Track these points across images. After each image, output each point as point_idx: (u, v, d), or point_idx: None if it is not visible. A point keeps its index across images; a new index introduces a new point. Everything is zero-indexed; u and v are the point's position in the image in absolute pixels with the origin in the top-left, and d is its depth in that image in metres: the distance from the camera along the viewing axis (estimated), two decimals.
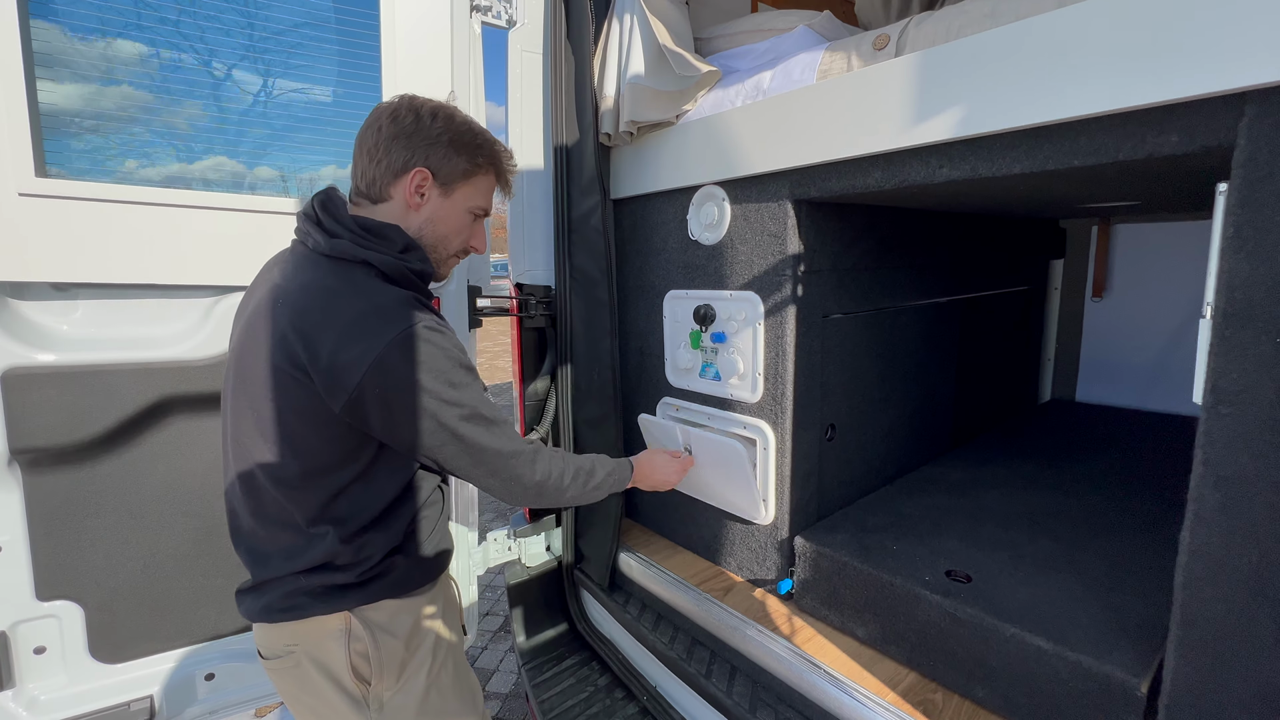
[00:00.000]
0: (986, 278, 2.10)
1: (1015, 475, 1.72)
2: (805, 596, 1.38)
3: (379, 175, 0.98)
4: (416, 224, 1.01)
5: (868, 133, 1.10)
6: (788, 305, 1.33)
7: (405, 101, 0.99)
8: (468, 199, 1.04)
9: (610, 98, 1.55)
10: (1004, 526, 1.40)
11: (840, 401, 1.53)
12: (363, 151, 0.99)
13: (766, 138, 1.28)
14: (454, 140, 0.99)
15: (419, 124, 0.97)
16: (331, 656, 0.97)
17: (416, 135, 0.97)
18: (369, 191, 1.00)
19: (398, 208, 1.00)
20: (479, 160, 1.03)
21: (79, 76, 1.23)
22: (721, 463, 1.43)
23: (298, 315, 0.88)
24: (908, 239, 1.66)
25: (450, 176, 1.01)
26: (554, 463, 1.05)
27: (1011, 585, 1.15)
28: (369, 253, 0.93)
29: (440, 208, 1.02)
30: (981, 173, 0.99)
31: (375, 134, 0.98)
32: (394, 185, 0.99)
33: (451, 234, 1.05)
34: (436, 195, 1.01)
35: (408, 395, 0.87)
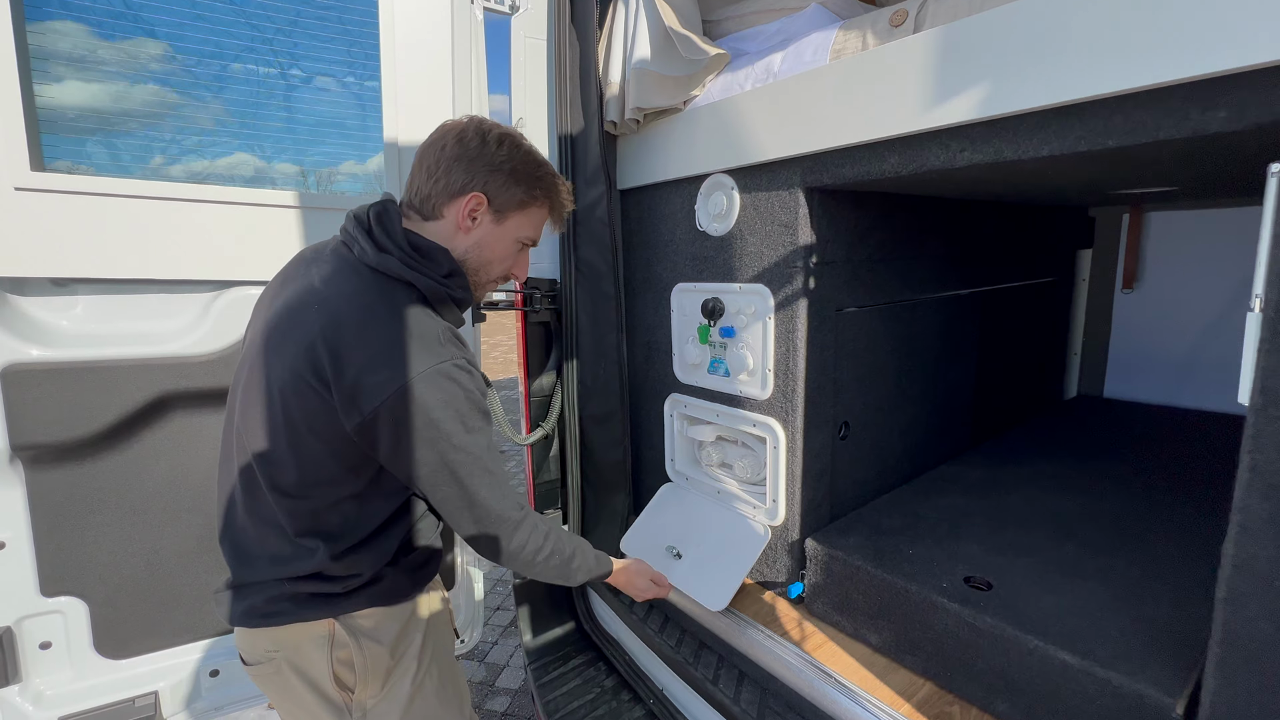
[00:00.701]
0: (1010, 269, 2.02)
1: (1039, 475, 1.65)
2: (816, 601, 1.33)
3: (435, 193, 0.98)
4: (463, 246, 1.01)
5: (883, 115, 1.03)
6: (799, 298, 1.28)
7: (474, 124, 0.99)
8: (519, 228, 1.04)
9: (615, 84, 1.50)
10: (1027, 530, 1.34)
11: (854, 398, 1.47)
12: (422, 168, 0.99)
13: (776, 123, 1.22)
14: (515, 170, 0.99)
15: (484, 149, 0.97)
16: (313, 663, 0.95)
17: (480, 160, 0.97)
18: (422, 208, 1.00)
19: (448, 228, 1.00)
20: (536, 192, 1.02)
21: (109, 75, 1.25)
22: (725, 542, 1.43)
23: (330, 326, 0.87)
24: (926, 228, 1.59)
25: (505, 204, 1.00)
26: (534, 538, 1.02)
27: (1035, 593, 1.09)
28: (415, 274, 0.92)
29: (490, 234, 1.01)
30: (1006, 156, 0.92)
31: (438, 152, 0.97)
32: (448, 206, 0.98)
33: (496, 260, 1.05)
34: (489, 221, 1.00)
35: (422, 430, 0.86)
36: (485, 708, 2.43)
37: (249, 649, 0.98)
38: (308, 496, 0.91)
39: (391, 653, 0.99)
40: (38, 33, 1.17)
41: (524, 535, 1.00)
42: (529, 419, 1.76)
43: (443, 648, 1.11)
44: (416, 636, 1.03)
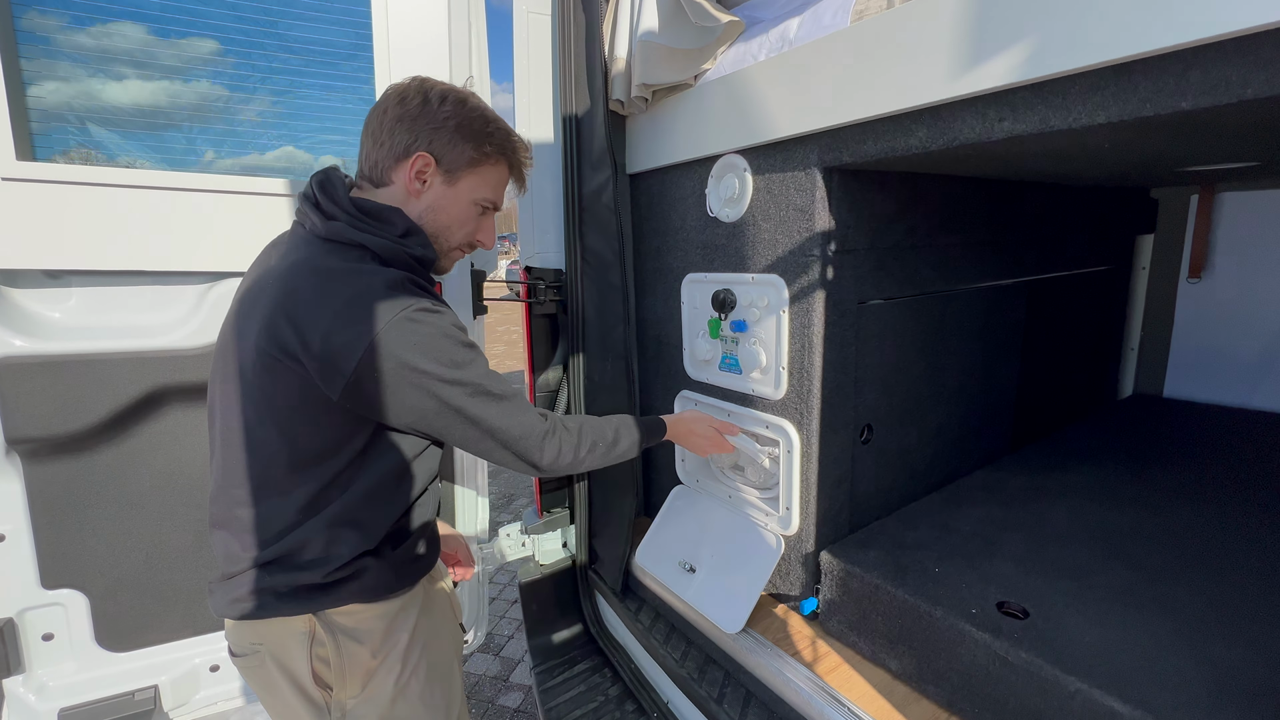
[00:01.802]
0: (1059, 256, 1.84)
1: (1087, 485, 1.49)
2: (832, 619, 1.23)
3: (381, 158, 0.95)
4: (416, 211, 0.96)
5: (910, 82, 0.91)
6: (816, 290, 1.16)
7: (416, 84, 0.94)
8: (473, 190, 0.99)
9: (621, 59, 1.40)
10: (1071, 548, 1.20)
11: (878, 399, 1.35)
12: (368, 133, 0.96)
13: (791, 96, 1.11)
14: (461, 126, 0.94)
15: (426, 107, 0.93)
16: (294, 659, 0.92)
17: (422, 118, 0.93)
18: (372, 175, 0.97)
19: (398, 193, 0.96)
20: (487, 149, 0.97)
21: (164, 73, 1.27)
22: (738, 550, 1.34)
23: (287, 297, 0.83)
24: (962, 212, 1.44)
25: (455, 164, 0.96)
26: (567, 441, 1.00)
27: (1079, 624, 0.97)
28: (366, 235, 0.89)
29: (443, 196, 0.97)
30: (1054, 125, 0.79)
31: (381, 115, 0.94)
32: (396, 169, 0.95)
33: (454, 225, 1.00)
34: (439, 183, 0.96)
35: (408, 378, 0.83)
36: (498, 703, 2.41)
37: (236, 641, 0.96)
38: (300, 475, 0.87)
39: (374, 652, 0.94)
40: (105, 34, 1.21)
41: (556, 443, 0.98)
42: None
43: (437, 647, 1.04)
44: (402, 636, 0.97)
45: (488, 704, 2.40)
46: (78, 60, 1.20)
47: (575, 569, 1.78)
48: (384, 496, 0.93)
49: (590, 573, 1.74)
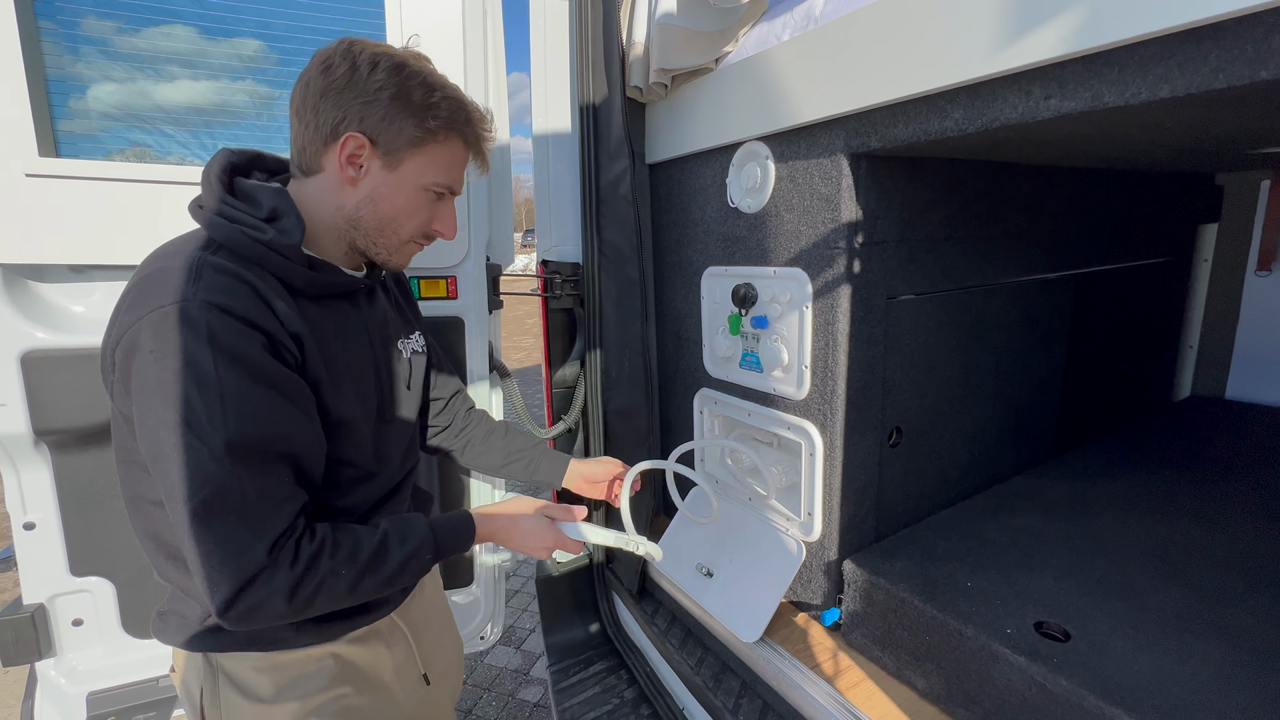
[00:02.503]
0: (1110, 248, 1.72)
1: (1139, 494, 1.39)
2: (855, 631, 1.17)
3: (308, 141, 0.80)
4: (354, 202, 0.82)
5: (944, 58, 0.83)
6: (841, 285, 1.10)
7: (343, 47, 0.78)
8: (420, 174, 0.83)
9: (640, 45, 1.35)
10: (1120, 565, 1.11)
11: (908, 400, 1.27)
12: (293, 112, 0.81)
13: (816, 77, 1.04)
14: (399, 97, 0.78)
15: (354, 75, 0.77)
16: (191, 692, 0.85)
17: (349, 91, 0.77)
18: (300, 161, 0.83)
19: (330, 182, 0.82)
20: (431, 124, 0.81)
21: (212, 73, 1.29)
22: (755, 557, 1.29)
23: None
24: (1002, 200, 1.35)
25: (395, 144, 0.80)
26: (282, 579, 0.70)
27: (1127, 650, 0.89)
28: (213, 219, 0.75)
29: (383, 184, 0.82)
30: (1108, 101, 0.71)
31: (304, 89, 0.79)
32: (325, 154, 0.80)
33: (401, 216, 0.85)
34: (378, 167, 0.81)
35: (146, 389, 0.66)
36: (518, 697, 2.41)
37: (174, 658, 0.90)
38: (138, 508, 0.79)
39: (260, 703, 0.83)
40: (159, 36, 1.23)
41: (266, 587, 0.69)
42: (551, 411, 1.66)
43: (358, 708, 0.90)
44: (295, 701, 0.84)
45: (508, 697, 2.41)
46: (133, 62, 1.22)
47: (593, 568, 1.75)
48: None
49: (607, 572, 1.71)
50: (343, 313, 0.87)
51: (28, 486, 1.24)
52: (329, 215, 0.83)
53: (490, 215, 1.52)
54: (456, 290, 1.45)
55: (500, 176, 1.56)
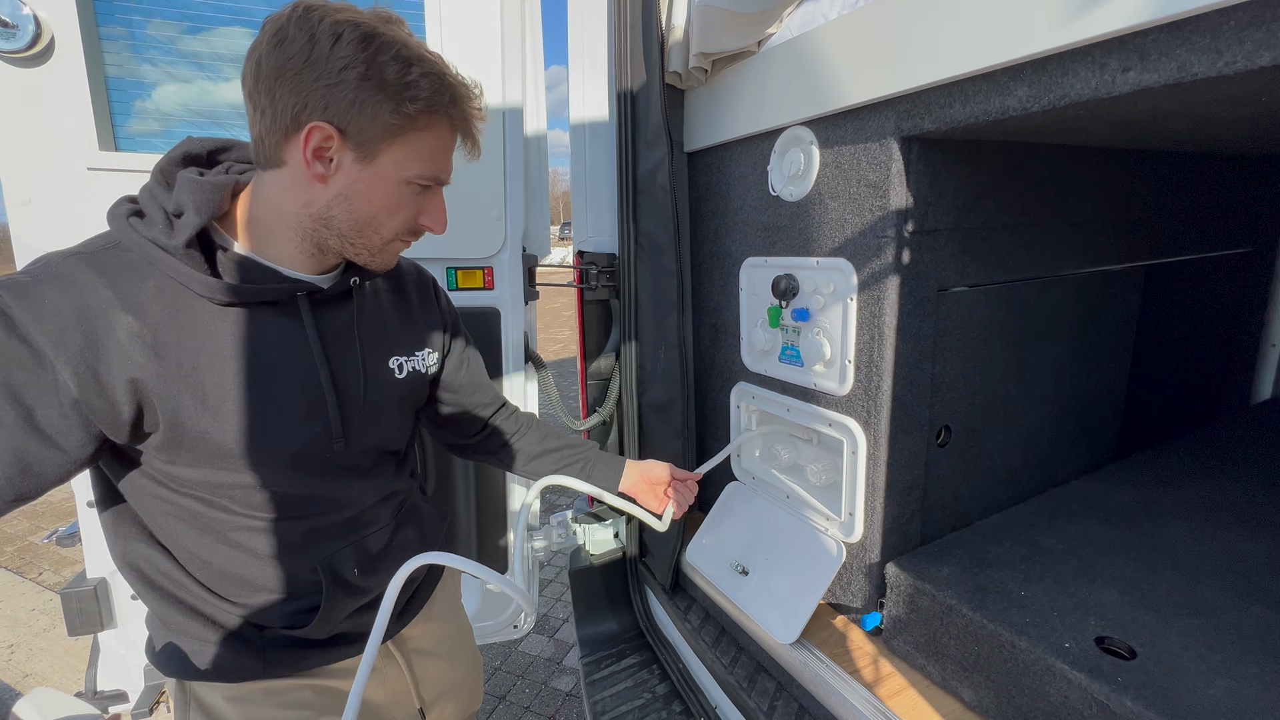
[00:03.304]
0: (1185, 237, 1.59)
1: (1213, 504, 1.29)
2: (897, 637, 1.12)
3: (266, 131, 0.68)
4: (324, 200, 0.70)
5: (1008, 30, 0.78)
6: (889, 275, 1.04)
7: (296, 14, 0.64)
8: (401, 166, 0.71)
9: (679, 28, 1.31)
10: (1192, 579, 1.03)
11: (959, 397, 1.21)
12: (245, 94, 0.68)
13: (865, 56, 0.99)
14: (369, 77, 0.65)
15: (314, 53, 0.64)
16: (176, 714, 0.83)
17: (309, 71, 0.64)
18: (258, 154, 0.70)
19: (294, 178, 0.69)
20: (410, 109, 0.68)
21: None
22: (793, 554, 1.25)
23: None
24: (1066, 185, 1.26)
25: (368, 134, 0.68)
26: None
27: (1201, 672, 0.82)
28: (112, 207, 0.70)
29: (358, 180, 0.70)
30: (1196, 72, 0.64)
31: (255, 69, 0.66)
32: (286, 146, 0.68)
33: (382, 214, 0.73)
34: (350, 161, 0.69)
35: None
36: (551, 685, 2.43)
37: None
38: None
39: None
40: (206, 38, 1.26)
41: None
42: (585, 403, 1.66)
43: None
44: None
45: (541, 685, 2.43)
46: (189, 63, 1.26)
47: (626, 561, 1.74)
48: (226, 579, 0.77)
49: (641, 566, 1.70)
50: (267, 323, 0.74)
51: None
52: (293, 214, 0.72)
53: (527, 206, 1.51)
54: (493, 281, 1.46)
55: (537, 167, 1.55)
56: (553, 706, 2.32)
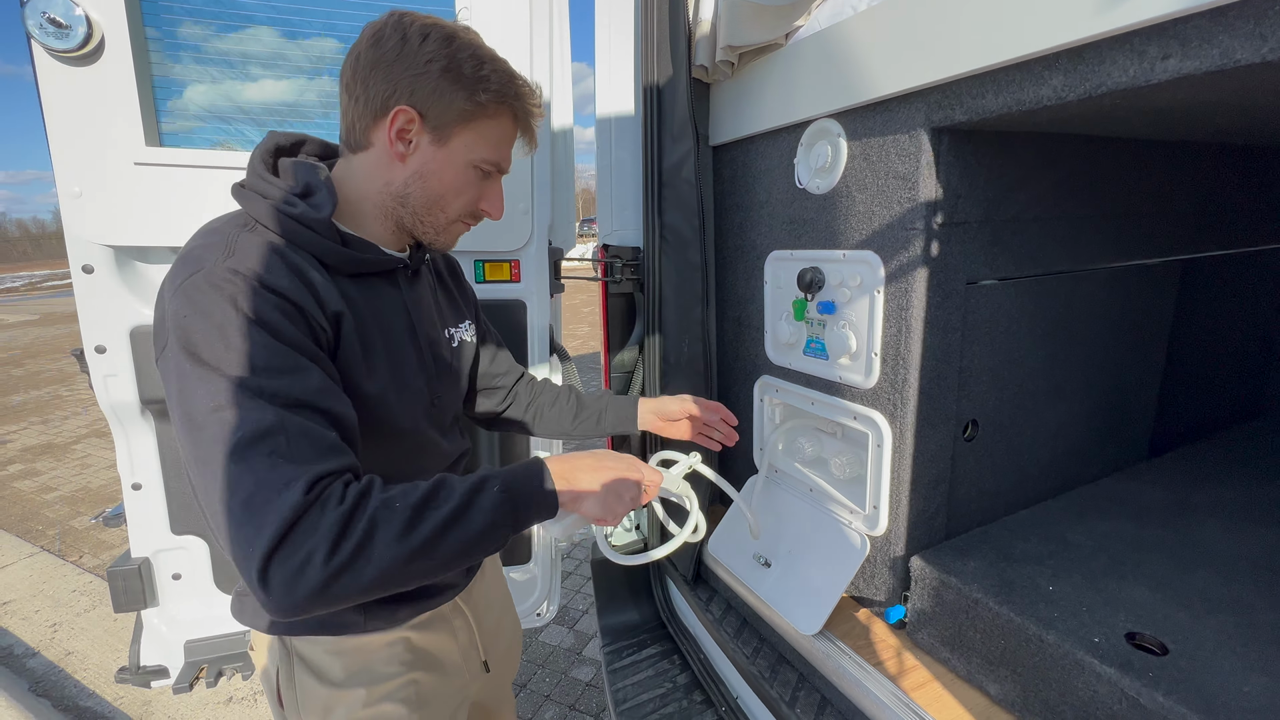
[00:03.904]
0: (1224, 231, 1.56)
1: (1250, 502, 1.26)
2: (921, 630, 1.12)
3: (357, 116, 0.79)
4: (402, 179, 0.81)
5: (1044, 18, 0.77)
6: (917, 268, 1.04)
7: (392, 20, 0.77)
8: (469, 149, 0.81)
9: (706, 22, 1.32)
10: (1226, 577, 1.01)
11: (987, 392, 1.20)
12: (342, 86, 0.80)
13: (896, 47, 0.98)
14: (449, 70, 0.76)
15: (404, 49, 0.76)
16: (270, 676, 0.89)
17: (400, 63, 0.76)
18: (348, 138, 0.82)
19: (379, 158, 0.80)
20: (482, 98, 0.79)
21: (290, 72, 1.36)
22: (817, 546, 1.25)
23: None
24: (1100, 177, 1.24)
25: (444, 118, 0.79)
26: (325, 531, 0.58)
27: (1235, 669, 0.81)
28: (246, 193, 0.76)
29: (432, 159, 0.80)
30: (1241, 59, 0.63)
31: (354, 63, 0.78)
32: (374, 129, 0.79)
33: (449, 193, 0.83)
34: (427, 143, 0.80)
35: (176, 356, 0.63)
36: (570, 675, 2.47)
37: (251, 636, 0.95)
38: None
39: (330, 689, 0.85)
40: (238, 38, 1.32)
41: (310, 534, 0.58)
42: (607, 378, 1.67)
43: (425, 694, 0.92)
44: (365, 685, 0.86)
45: (561, 675, 2.47)
46: (221, 63, 1.31)
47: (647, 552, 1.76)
48: None
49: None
50: (382, 292, 0.84)
51: (136, 451, 1.36)
52: (376, 193, 0.82)
53: (553, 200, 1.53)
54: (520, 274, 1.48)
55: (563, 161, 1.57)
56: (573, 696, 2.35)
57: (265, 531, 0.56)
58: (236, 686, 2.49)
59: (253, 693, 2.47)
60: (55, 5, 1.11)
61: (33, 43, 1.12)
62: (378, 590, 0.62)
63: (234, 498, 0.58)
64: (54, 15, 1.11)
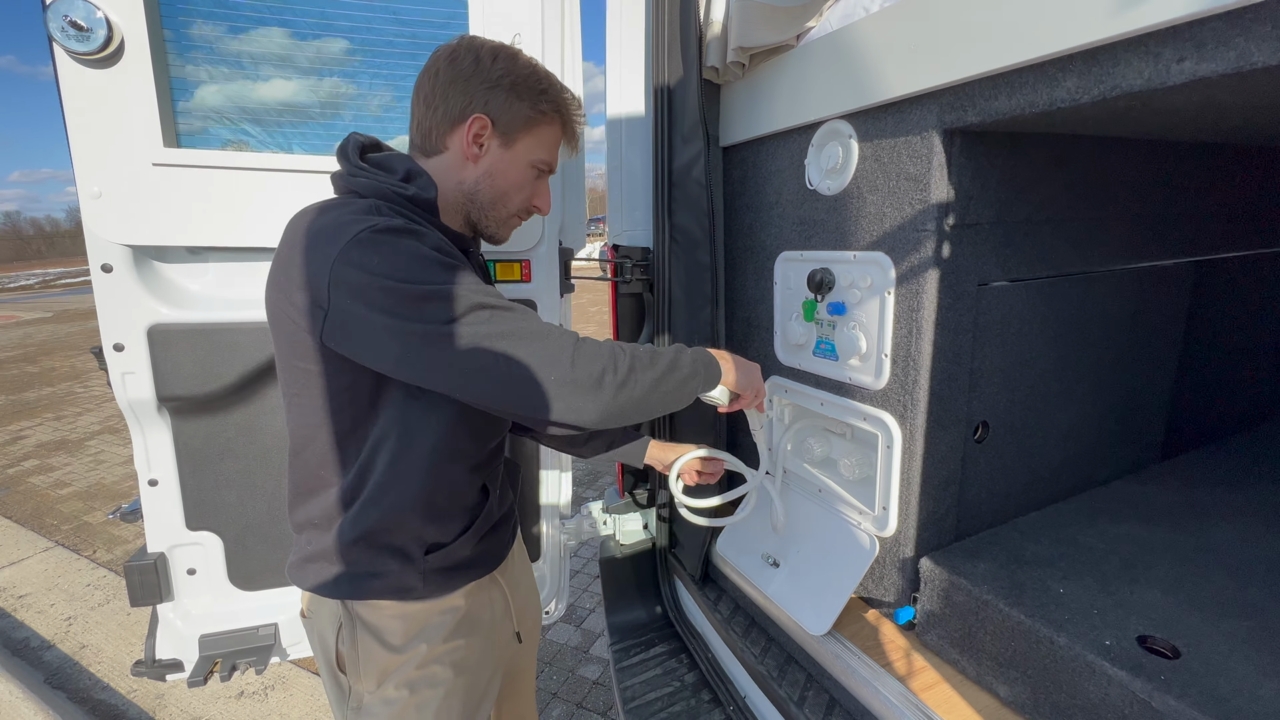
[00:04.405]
0: (1238, 232, 1.54)
1: (1263, 505, 1.25)
2: (930, 632, 1.12)
3: (435, 124, 0.91)
4: (473, 178, 0.93)
5: (1058, 21, 0.77)
6: (928, 269, 1.04)
7: (465, 43, 0.91)
8: (530, 151, 0.95)
9: (717, 23, 1.32)
10: (1240, 580, 1.01)
11: (997, 393, 1.20)
12: (419, 99, 0.92)
13: (908, 49, 0.98)
14: (516, 84, 0.90)
15: (478, 66, 0.89)
16: (328, 639, 0.93)
17: (475, 78, 0.89)
18: (424, 144, 0.94)
19: (454, 160, 0.93)
20: (543, 107, 0.93)
21: (301, 72, 1.37)
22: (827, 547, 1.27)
23: (280, 247, 0.82)
24: (1112, 179, 1.24)
25: (511, 125, 0.92)
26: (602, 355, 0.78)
27: (1247, 674, 0.81)
28: (356, 179, 0.86)
29: (500, 160, 0.93)
30: (1258, 61, 0.63)
31: (432, 79, 0.91)
32: (451, 135, 0.91)
33: (512, 190, 0.96)
34: (496, 146, 0.92)
35: (374, 298, 0.72)
36: (578, 674, 2.48)
37: (303, 602, 0.99)
38: (300, 448, 0.88)
39: (391, 652, 0.91)
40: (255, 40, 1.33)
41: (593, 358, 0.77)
42: None
43: (467, 663, 0.98)
44: (424, 644, 0.93)
45: (568, 673, 2.48)
46: (234, 64, 1.32)
47: (655, 551, 1.77)
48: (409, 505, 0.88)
49: (670, 557, 1.72)
50: None
51: (152, 448, 1.38)
52: (449, 191, 0.93)
53: (564, 200, 1.54)
54: (530, 273, 1.49)
55: (574, 162, 1.58)
56: (580, 694, 2.36)
57: (561, 364, 0.74)
58: (249, 681, 2.51)
59: (264, 687, 2.49)
60: (77, 8, 1.13)
61: (54, 45, 1.14)
62: (632, 411, 0.81)
63: (521, 359, 0.73)
64: (75, 18, 1.13)
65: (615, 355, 0.79)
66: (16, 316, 17.34)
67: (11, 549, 3.74)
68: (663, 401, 0.85)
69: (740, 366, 1.03)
